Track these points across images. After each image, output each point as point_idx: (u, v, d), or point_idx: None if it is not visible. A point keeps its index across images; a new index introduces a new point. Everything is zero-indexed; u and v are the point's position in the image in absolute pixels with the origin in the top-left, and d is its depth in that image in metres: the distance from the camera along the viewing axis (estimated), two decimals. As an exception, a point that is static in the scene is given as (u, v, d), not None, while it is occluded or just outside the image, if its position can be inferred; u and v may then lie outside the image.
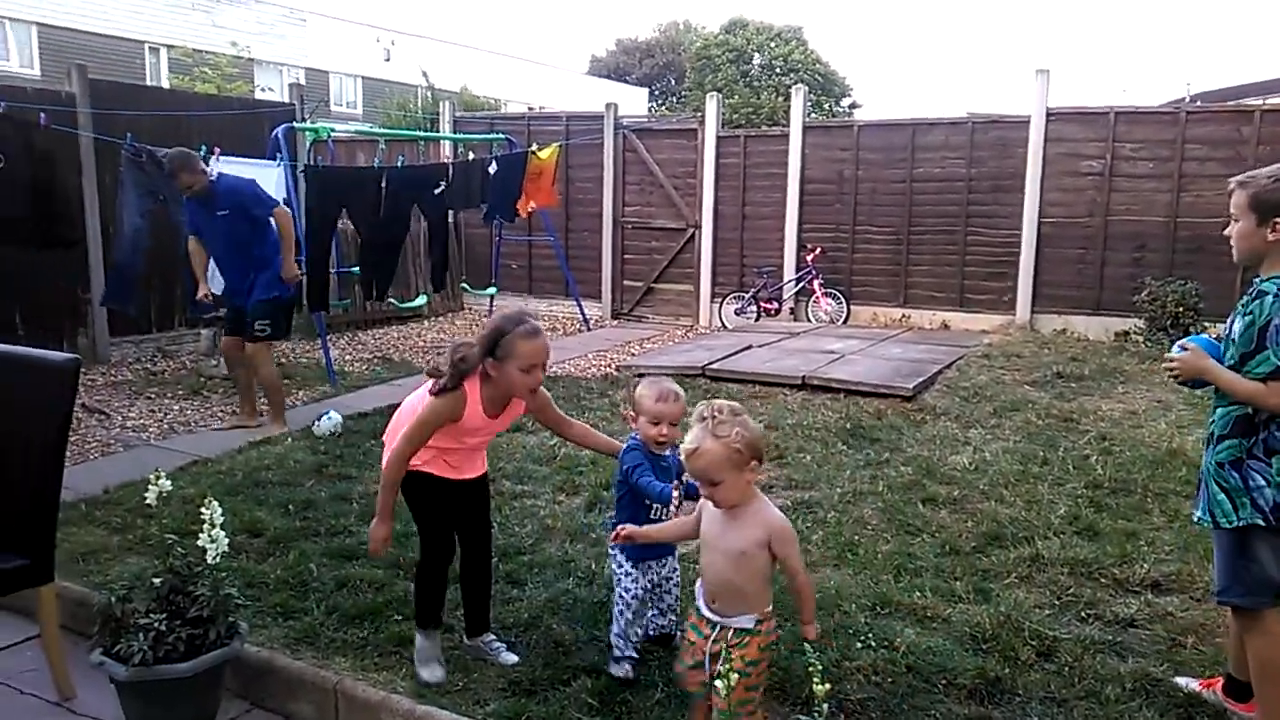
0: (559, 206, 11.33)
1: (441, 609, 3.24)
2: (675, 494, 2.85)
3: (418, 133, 13.52)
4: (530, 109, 22.42)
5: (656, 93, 44.19)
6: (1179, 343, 2.79)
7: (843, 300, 11.07)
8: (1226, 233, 2.74)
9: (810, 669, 2.27)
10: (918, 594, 3.71)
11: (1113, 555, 4.05)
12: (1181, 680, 3.07)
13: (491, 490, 3.51)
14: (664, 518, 2.98)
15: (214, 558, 2.91)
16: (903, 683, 3.10)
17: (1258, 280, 2.61)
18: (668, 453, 3.11)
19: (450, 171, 9.20)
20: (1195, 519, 2.82)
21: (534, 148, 10.06)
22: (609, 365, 8.67)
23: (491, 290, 10.89)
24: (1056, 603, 3.68)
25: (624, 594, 3.13)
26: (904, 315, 10.96)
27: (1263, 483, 2.57)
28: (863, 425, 6.27)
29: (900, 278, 11.04)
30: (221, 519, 2.95)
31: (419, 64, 23.43)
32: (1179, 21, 69.72)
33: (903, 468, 5.38)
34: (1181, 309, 9.07)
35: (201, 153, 7.44)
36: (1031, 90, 10.26)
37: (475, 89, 27.18)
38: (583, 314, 11.66)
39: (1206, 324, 9.13)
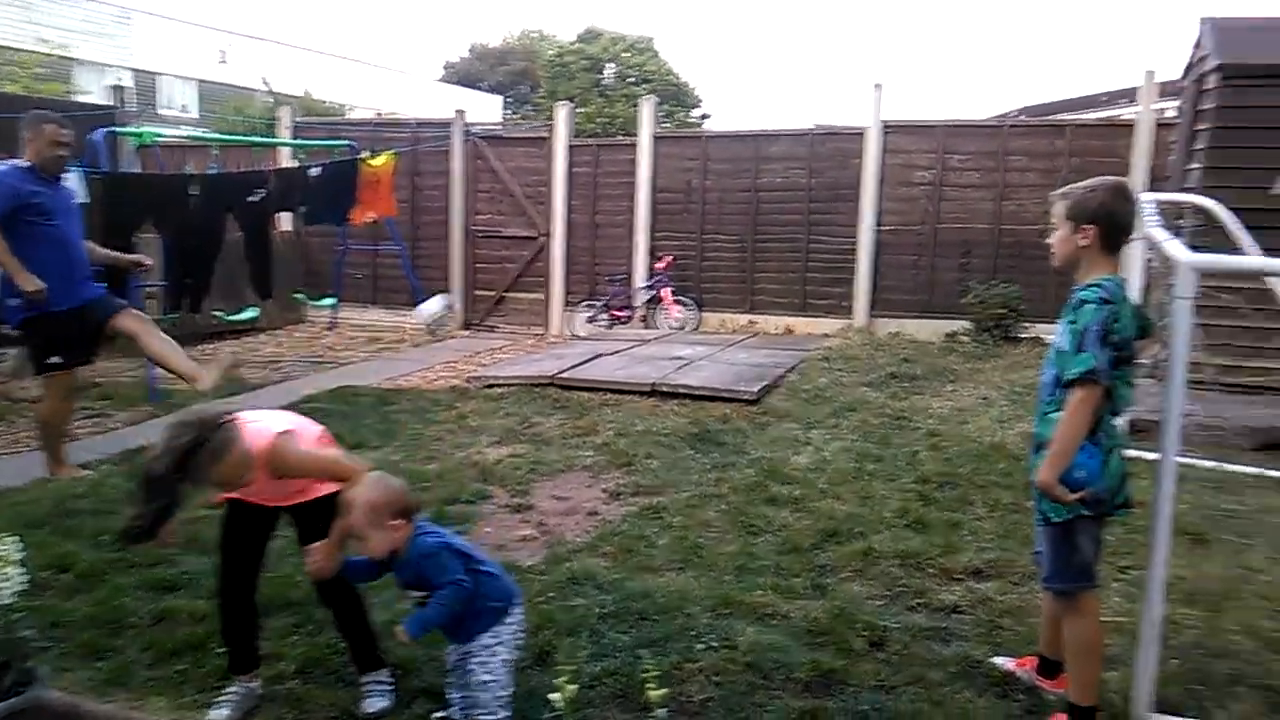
0: (398, 215, 11.05)
1: (237, 654, 3.04)
2: None
3: (253, 138, 12.91)
4: (379, 115, 21.86)
5: (511, 100, 43.92)
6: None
7: (693, 307, 11.26)
8: (1049, 240, 2.91)
9: (645, 674, 2.29)
10: (758, 592, 3.78)
11: (939, 546, 4.26)
12: (999, 660, 3.25)
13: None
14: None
15: (9, 598, 2.66)
16: (742, 680, 3.15)
17: (1077, 290, 2.78)
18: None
19: (270, 178, 8.83)
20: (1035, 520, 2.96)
21: (365, 155, 9.78)
22: (457, 377, 8.51)
23: (331, 301, 10.51)
24: (888, 594, 3.83)
25: None
26: (751, 321, 11.25)
27: (1083, 475, 2.71)
28: (709, 430, 6.38)
29: (747, 284, 11.33)
30: (21, 554, 2.70)
31: (258, 67, 22.48)
32: (1008, 39, 74.60)
33: (747, 470, 5.49)
34: (1004, 311, 9.66)
35: None
36: (869, 103, 10.73)
37: (320, 94, 26.31)
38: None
39: (1026, 324, 9.78)
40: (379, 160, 9.65)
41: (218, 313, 9.69)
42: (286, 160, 12.15)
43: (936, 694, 3.05)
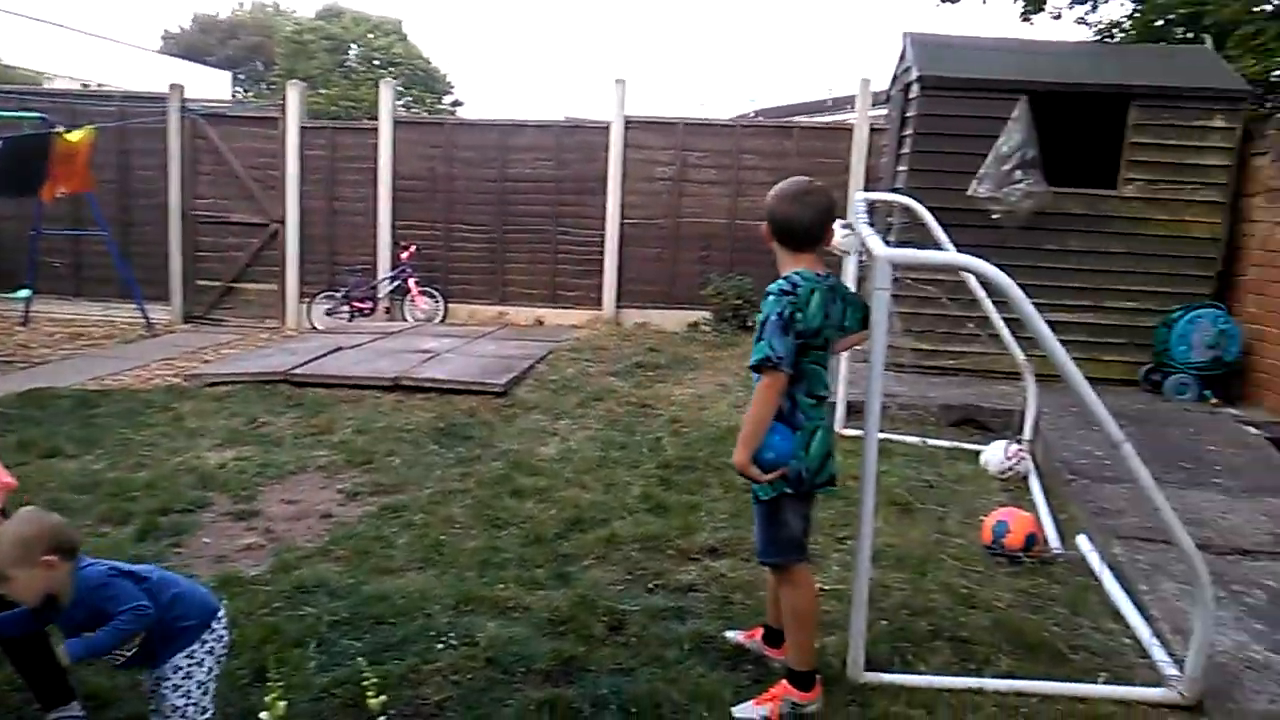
0: (104, 195, 9.99)
1: None
2: None
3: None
4: (85, 86, 19.68)
5: (243, 77, 40.92)
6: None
7: (440, 298, 10.99)
8: None
9: (364, 682, 2.17)
10: (500, 586, 3.73)
11: (677, 528, 4.38)
12: (730, 634, 3.38)
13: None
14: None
15: None
16: (482, 676, 3.09)
17: None
18: None
19: None
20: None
21: (60, 129, 8.77)
22: (175, 375, 7.79)
23: (24, 293, 9.32)
24: (628, 577, 3.89)
25: None
26: (501, 312, 11.15)
27: (773, 456, 2.84)
28: (455, 424, 6.24)
29: (497, 275, 11.21)
30: None
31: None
32: (747, 44, 78.96)
33: (493, 463, 5.41)
34: (740, 301, 10.18)
35: None
36: (613, 98, 10.89)
37: (11, 60, 23.27)
38: (146, 317, 10.38)
39: (759, 314, 10.35)
40: (76, 135, 8.67)
41: None
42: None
43: (672, 672, 3.12)
